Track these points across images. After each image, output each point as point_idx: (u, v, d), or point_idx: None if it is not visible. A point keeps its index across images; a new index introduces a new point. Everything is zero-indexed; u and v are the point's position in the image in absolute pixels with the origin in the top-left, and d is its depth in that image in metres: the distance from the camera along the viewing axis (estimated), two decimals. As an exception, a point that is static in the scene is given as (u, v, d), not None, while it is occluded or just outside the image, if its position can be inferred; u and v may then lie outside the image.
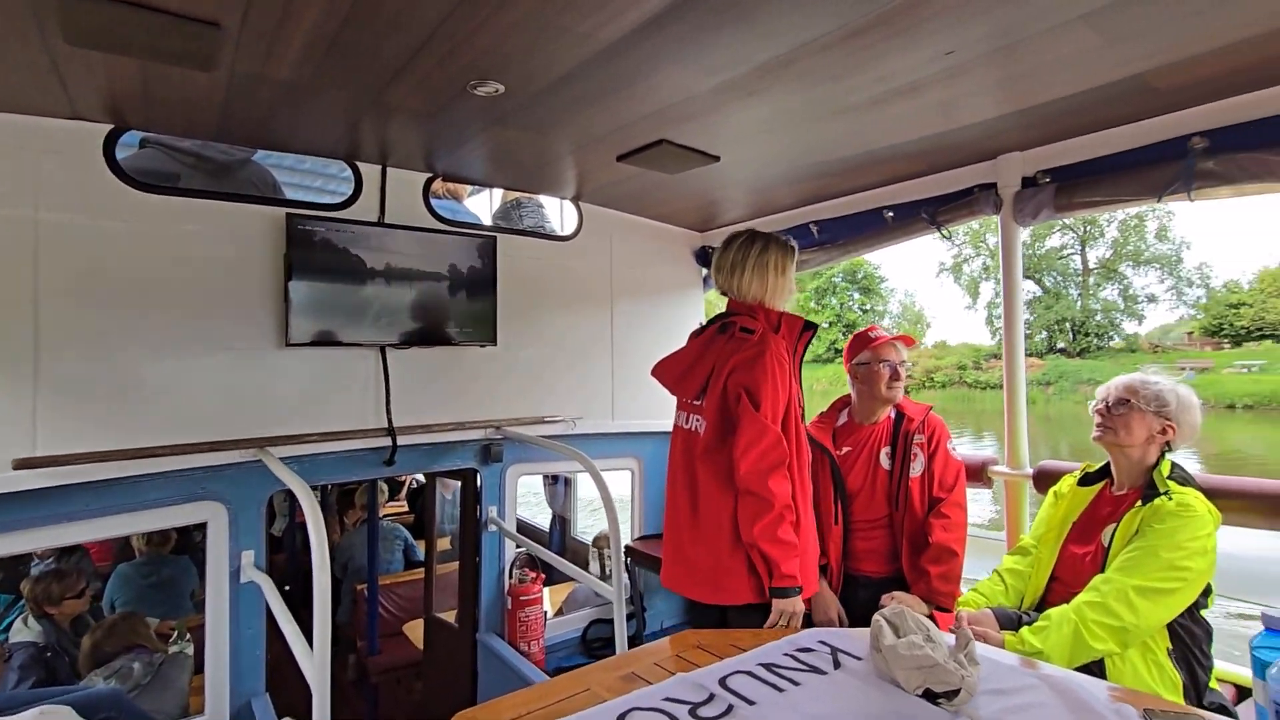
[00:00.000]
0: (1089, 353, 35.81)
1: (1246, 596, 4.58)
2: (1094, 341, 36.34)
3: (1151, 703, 1.17)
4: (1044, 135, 2.30)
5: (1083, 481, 1.90)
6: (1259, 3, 1.49)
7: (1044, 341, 37.62)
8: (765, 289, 2.02)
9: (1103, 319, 36.79)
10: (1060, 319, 37.33)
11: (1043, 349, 37.29)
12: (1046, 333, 37.47)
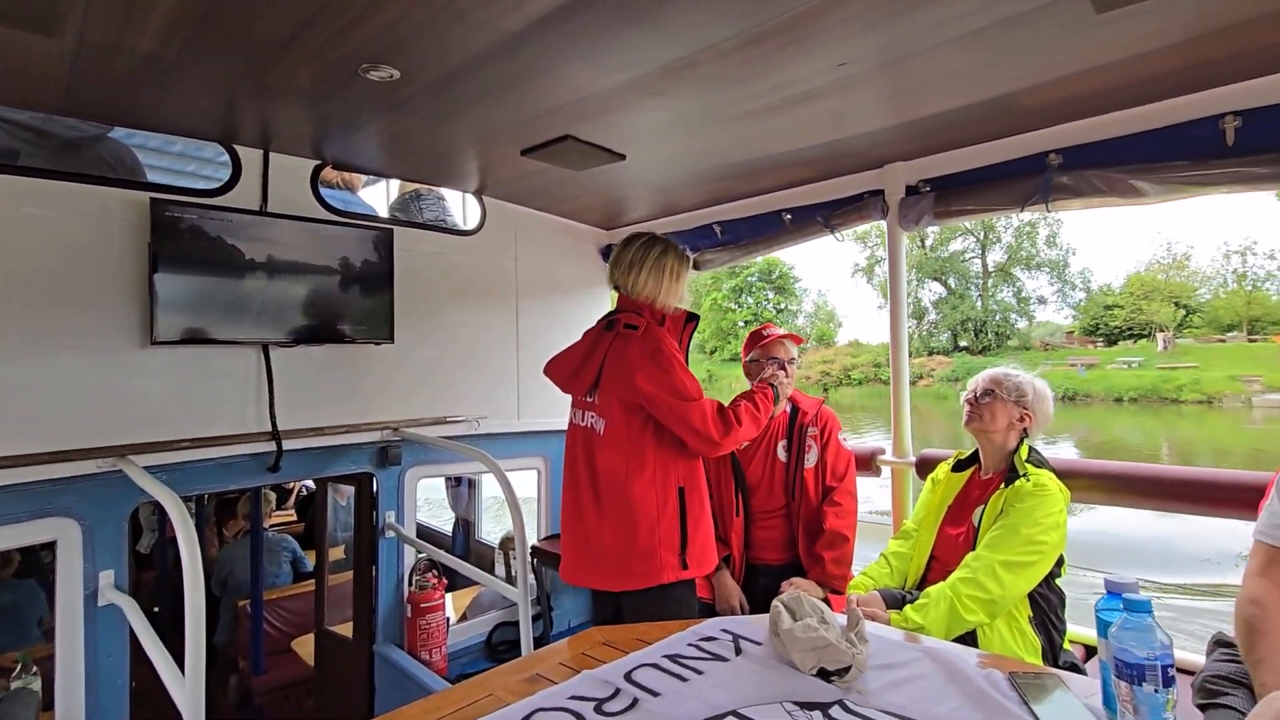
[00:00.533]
0: (990, 350, 38.30)
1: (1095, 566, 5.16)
2: (994, 340, 39.04)
3: (1015, 666, 1.28)
4: (925, 147, 2.48)
5: (956, 468, 2.07)
6: (1110, 34, 1.67)
7: (950, 340, 39.98)
8: (659, 290, 2.05)
9: (1000, 319, 39.63)
10: (965, 319, 39.73)
11: (949, 347, 39.54)
12: (952, 332, 39.92)
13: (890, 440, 2.61)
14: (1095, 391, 29.94)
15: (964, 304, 40.17)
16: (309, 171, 2.67)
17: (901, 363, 2.64)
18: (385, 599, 2.89)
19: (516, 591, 2.21)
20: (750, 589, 2.33)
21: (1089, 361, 32.86)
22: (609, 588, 1.94)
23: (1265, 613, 1.45)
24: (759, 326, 2.53)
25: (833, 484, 2.31)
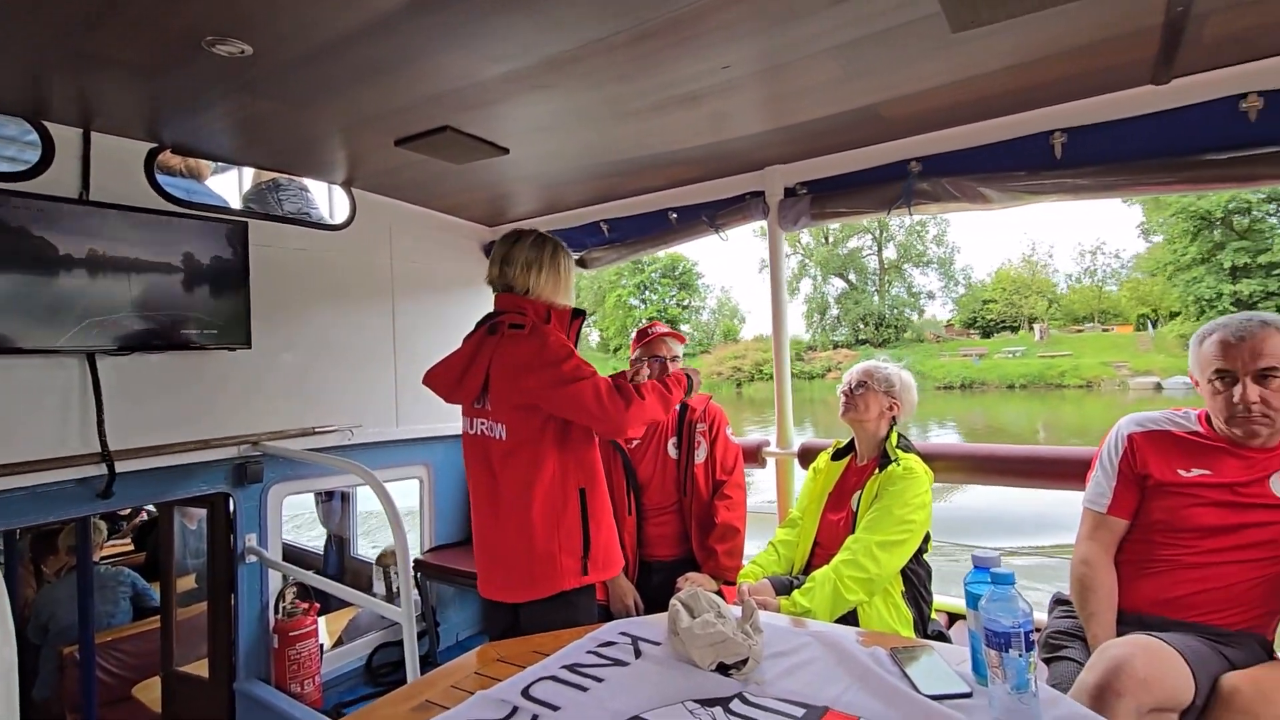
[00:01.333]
0: (889, 343, 40.46)
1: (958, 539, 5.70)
2: (892, 333, 41.37)
3: (895, 642, 1.36)
4: (802, 151, 2.59)
5: (835, 456, 2.19)
6: (963, 53, 1.82)
7: (852, 334, 41.92)
8: (557, 290, 1.97)
9: (895, 313, 42.11)
10: (866, 313, 41.82)
11: (851, 340, 41.40)
12: (854, 326, 41.91)
13: (775, 432, 2.72)
14: (990, 379, 32.48)
15: (865, 299, 42.40)
16: (142, 155, 2.35)
17: (783, 358, 2.75)
18: (247, 630, 2.61)
19: (398, 610, 2.07)
20: (644, 586, 2.33)
21: (980, 351, 35.55)
22: (510, 599, 1.85)
23: (1094, 571, 1.65)
24: (645, 325, 2.53)
25: (723, 478, 2.36)
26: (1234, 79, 1.88)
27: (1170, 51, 1.81)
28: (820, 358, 39.19)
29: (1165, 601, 1.57)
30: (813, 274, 44.63)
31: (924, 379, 33.42)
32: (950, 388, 32.51)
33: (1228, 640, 1.47)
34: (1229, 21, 1.68)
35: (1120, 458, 1.68)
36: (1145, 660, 1.32)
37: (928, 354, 36.14)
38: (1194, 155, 1.96)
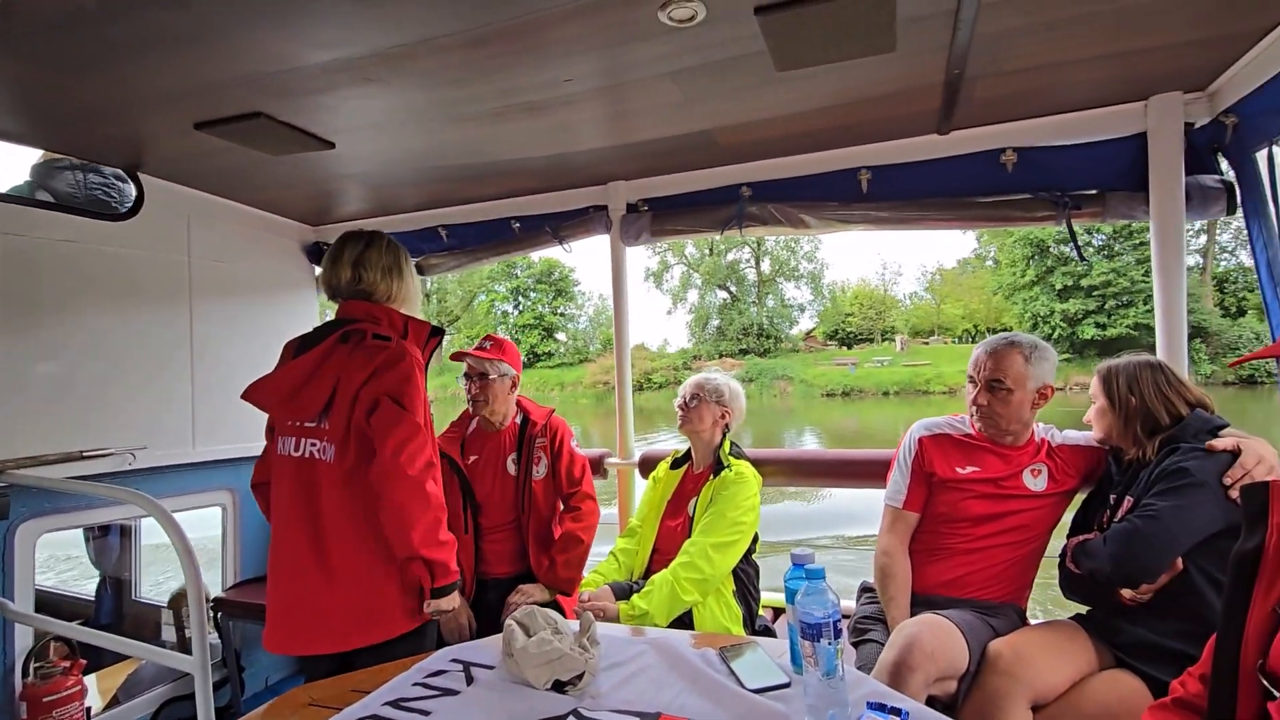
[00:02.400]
0: (770, 353, 41.58)
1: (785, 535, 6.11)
2: (771, 343, 42.53)
3: (723, 641, 1.42)
4: (643, 169, 2.67)
5: (673, 465, 2.27)
6: (787, 90, 1.97)
7: (734, 344, 42.34)
8: (413, 299, 1.84)
9: (773, 324, 43.21)
10: (749, 323, 42.68)
11: (734, 350, 41.94)
12: (736, 336, 42.41)
13: (616, 443, 2.75)
14: (866, 386, 34.46)
15: (747, 310, 43.45)
16: None
17: (624, 369, 2.80)
18: (-16, 701, 2.13)
19: (188, 659, 1.80)
20: (479, 604, 2.23)
21: (854, 361, 37.53)
22: (336, 649, 1.64)
23: (893, 560, 1.85)
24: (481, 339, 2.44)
25: (570, 490, 2.31)
26: (996, 135, 2.23)
27: (950, 107, 2.10)
28: (709, 368, 40.22)
29: (947, 583, 1.80)
30: (698, 285, 45.70)
31: (809, 386, 35.34)
32: (833, 395, 34.60)
33: (993, 612, 1.72)
34: (992, 87, 2.00)
35: (913, 458, 1.91)
36: (932, 636, 1.49)
37: (806, 363, 38.37)
38: (967, 197, 2.29)
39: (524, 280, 45.58)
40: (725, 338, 42.65)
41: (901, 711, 1.06)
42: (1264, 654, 0.94)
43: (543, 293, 45.69)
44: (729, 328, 42.73)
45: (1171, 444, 1.61)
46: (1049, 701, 1.50)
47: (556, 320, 45.68)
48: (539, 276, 45.62)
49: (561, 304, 46.28)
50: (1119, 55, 1.84)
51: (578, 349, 45.42)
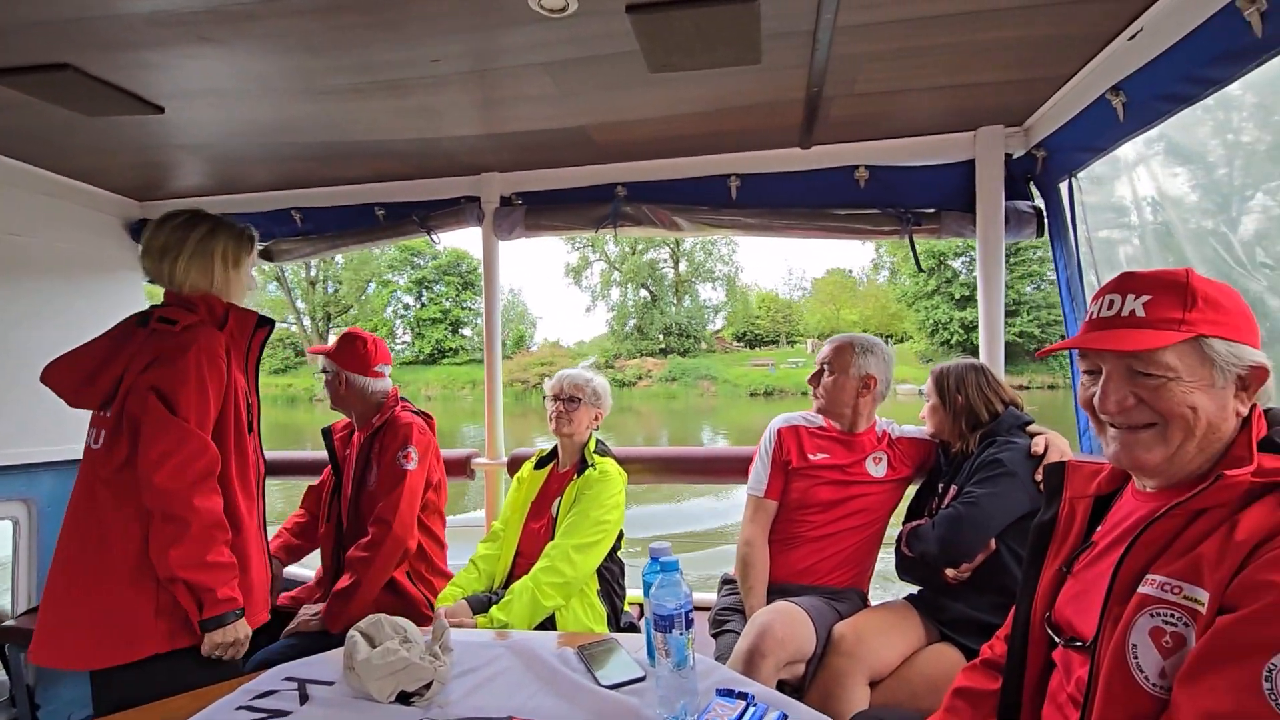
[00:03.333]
0: (690, 352, 41.39)
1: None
2: (691, 343, 42.32)
3: (582, 640, 1.40)
4: (518, 161, 2.61)
5: (538, 464, 2.21)
6: (660, 93, 2.00)
7: (654, 343, 41.97)
8: (210, 281, 1.63)
9: (690, 324, 42.96)
10: (670, 322, 42.22)
11: (655, 349, 41.55)
12: (656, 336, 41.97)
13: (485, 442, 2.67)
14: (786, 386, 34.98)
15: (668, 310, 42.99)
16: None
17: (495, 368, 2.72)
18: None
19: None
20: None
21: (771, 362, 38.11)
22: (86, 665, 1.44)
23: (753, 550, 1.92)
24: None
25: (369, 508, 2.14)
26: (851, 153, 2.40)
27: (810, 123, 2.23)
28: (630, 365, 39.66)
29: (799, 570, 1.90)
30: (618, 282, 44.95)
31: (733, 386, 35.56)
32: (756, 394, 35.22)
33: (839, 596, 1.84)
34: (846, 107, 2.14)
35: (772, 448, 2.01)
36: (782, 623, 1.57)
37: (727, 363, 38.89)
38: (825, 209, 2.44)
39: (428, 271, 42.43)
40: (645, 337, 42.45)
41: (748, 695, 1.10)
42: (1050, 607, 1.08)
43: (449, 285, 42.68)
44: (650, 327, 42.46)
45: (989, 438, 1.80)
46: (884, 677, 1.62)
47: (464, 315, 42.90)
48: (445, 268, 42.60)
49: (470, 297, 43.41)
50: (954, 88, 2.04)
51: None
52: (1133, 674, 0.89)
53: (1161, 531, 0.93)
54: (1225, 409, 0.93)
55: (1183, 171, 1.93)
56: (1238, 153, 1.84)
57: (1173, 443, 0.93)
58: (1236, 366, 0.92)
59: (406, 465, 2.11)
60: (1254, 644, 0.77)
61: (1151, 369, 0.93)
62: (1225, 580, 0.83)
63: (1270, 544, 0.81)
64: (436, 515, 2.27)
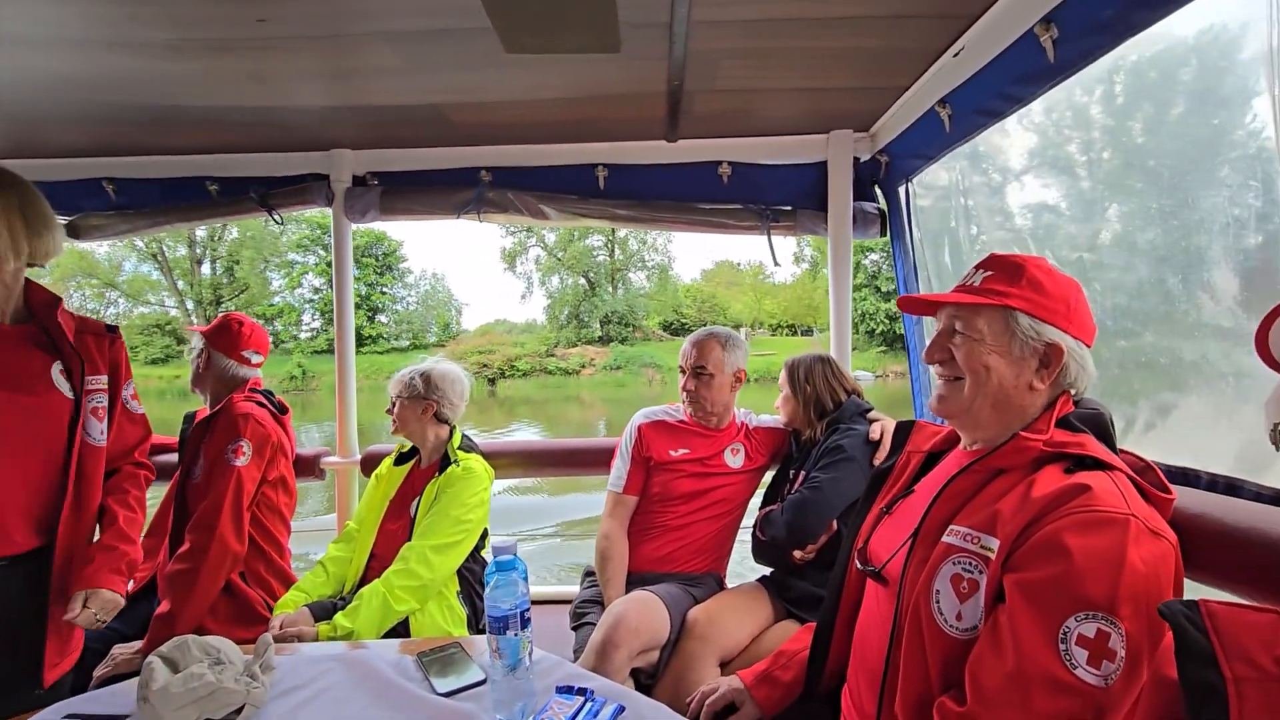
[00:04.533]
0: (628, 340, 39.95)
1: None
2: (629, 331, 40.79)
3: (422, 645, 1.33)
4: (372, 139, 2.44)
5: (398, 461, 2.09)
6: (521, 75, 1.92)
7: (596, 331, 40.27)
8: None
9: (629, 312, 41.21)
10: (610, 310, 40.53)
11: (595, 337, 39.84)
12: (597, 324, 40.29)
13: (337, 439, 2.49)
14: None
15: (608, 298, 41.44)
16: None
17: (347, 360, 2.54)
18: None
19: None
20: None
21: None
22: None
23: (612, 544, 1.92)
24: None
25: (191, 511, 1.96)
26: (715, 149, 2.45)
27: (675, 116, 2.25)
28: (573, 354, 38.19)
29: (658, 559, 1.92)
30: (556, 269, 43.12)
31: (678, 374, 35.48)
32: None
33: (696, 582, 1.88)
34: (709, 103, 2.18)
35: (633, 445, 2.01)
36: (637, 612, 1.58)
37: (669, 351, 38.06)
38: (691, 203, 2.48)
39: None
40: (585, 325, 41.31)
41: (587, 691, 1.09)
42: (866, 541, 1.20)
43: (367, 268, 39.25)
44: (589, 315, 41.30)
45: (834, 425, 1.90)
46: (734, 656, 1.68)
47: (383, 300, 39.83)
48: (363, 249, 39.20)
49: (390, 281, 40.34)
50: (809, 91, 2.13)
51: (414, 333, 40.17)
52: (934, 616, 0.98)
53: (966, 485, 1.04)
54: (1020, 377, 1.04)
55: (1054, 182, 2.13)
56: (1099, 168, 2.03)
57: (968, 395, 1.06)
58: (1035, 341, 1.03)
59: (235, 460, 1.92)
60: (1053, 606, 0.86)
61: (965, 329, 1.07)
62: (1016, 532, 0.92)
63: (1065, 507, 0.90)
64: (277, 515, 2.10)
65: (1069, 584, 0.86)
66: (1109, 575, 0.85)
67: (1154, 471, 1.05)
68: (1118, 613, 0.84)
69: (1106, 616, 0.84)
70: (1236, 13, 1.15)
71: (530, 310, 45.24)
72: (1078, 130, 1.80)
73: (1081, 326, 1.05)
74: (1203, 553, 0.98)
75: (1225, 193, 1.15)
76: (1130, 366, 1.37)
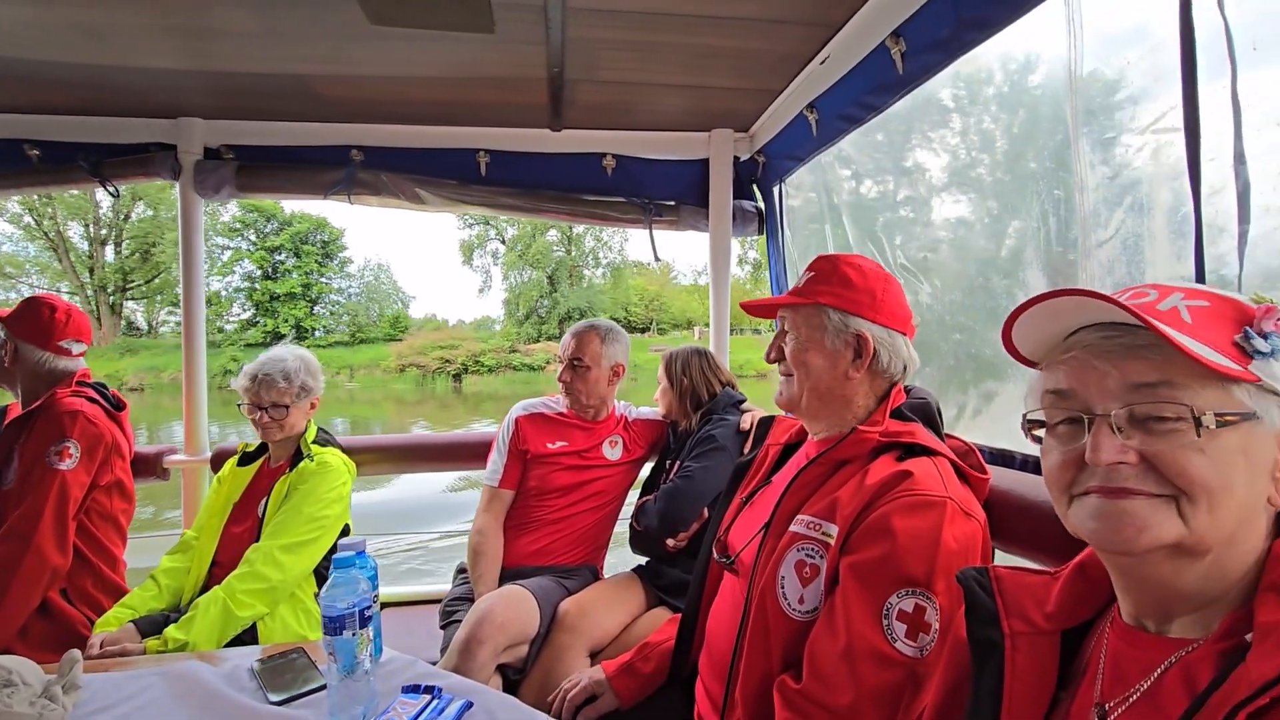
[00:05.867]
0: None
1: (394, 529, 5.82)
2: None
3: (263, 653, 1.24)
4: (228, 108, 2.25)
5: (242, 461, 1.93)
6: (390, 49, 1.83)
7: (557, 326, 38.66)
8: None
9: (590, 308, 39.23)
10: (572, 306, 38.93)
11: (554, 334, 37.82)
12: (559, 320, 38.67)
13: (184, 437, 2.27)
14: None
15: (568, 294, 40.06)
16: None
17: (197, 352, 2.32)
18: None
19: None
20: None
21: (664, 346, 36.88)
22: None
23: (485, 539, 1.87)
24: None
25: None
26: (599, 140, 2.44)
27: (557, 105, 2.22)
28: (536, 350, 36.37)
29: (533, 553, 1.89)
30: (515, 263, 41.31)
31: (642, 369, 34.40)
32: None
33: (570, 574, 1.87)
34: (591, 93, 2.16)
35: (510, 438, 1.97)
36: (503, 607, 1.55)
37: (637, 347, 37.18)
38: (576, 194, 2.46)
39: (285, 239, 35.00)
40: (546, 321, 39.96)
41: (435, 688, 1.05)
42: (726, 533, 1.23)
43: (308, 257, 35.85)
44: (550, 311, 40.01)
45: (708, 416, 1.95)
46: (605, 646, 1.68)
47: (327, 290, 36.78)
48: (302, 236, 35.77)
49: (331, 271, 37.00)
50: (691, 88, 2.16)
51: (359, 326, 37.14)
52: (779, 601, 1.02)
53: (813, 476, 1.09)
54: (837, 368, 1.11)
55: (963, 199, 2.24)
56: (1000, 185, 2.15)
57: (798, 389, 1.13)
58: (845, 333, 1.10)
59: (59, 464, 1.72)
60: (878, 584, 0.91)
61: (791, 328, 1.14)
62: (852, 517, 0.98)
63: (891, 492, 0.96)
64: (110, 524, 1.89)
65: (892, 563, 0.92)
66: (926, 554, 0.92)
67: (975, 454, 1.14)
68: (933, 588, 0.91)
69: (923, 592, 0.91)
70: (1042, 39, 1.28)
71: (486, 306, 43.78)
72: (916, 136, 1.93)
73: (891, 315, 1.13)
74: (1012, 526, 1.08)
75: (1037, 202, 1.27)
76: (963, 358, 1.50)
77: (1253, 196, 0.79)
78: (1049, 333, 0.64)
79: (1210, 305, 0.59)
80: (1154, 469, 0.56)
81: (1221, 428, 0.54)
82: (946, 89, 1.67)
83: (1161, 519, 0.55)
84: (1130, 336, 0.58)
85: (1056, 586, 0.73)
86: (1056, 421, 0.62)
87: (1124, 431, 0.57)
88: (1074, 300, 0.58)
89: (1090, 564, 0.71)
